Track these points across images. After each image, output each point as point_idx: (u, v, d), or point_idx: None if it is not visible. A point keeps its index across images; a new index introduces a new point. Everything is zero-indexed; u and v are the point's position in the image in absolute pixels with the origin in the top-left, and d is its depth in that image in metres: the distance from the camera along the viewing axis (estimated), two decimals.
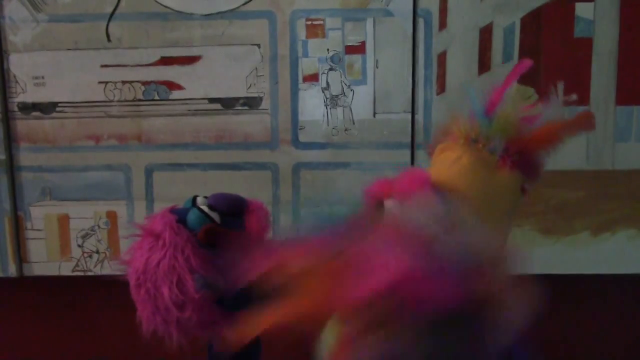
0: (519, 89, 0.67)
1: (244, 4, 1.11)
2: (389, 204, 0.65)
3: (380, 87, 1.12)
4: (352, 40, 1.11)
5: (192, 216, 0.69)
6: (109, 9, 1.12)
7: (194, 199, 0.72)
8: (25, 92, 1.14)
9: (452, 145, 0.66)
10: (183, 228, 0.68)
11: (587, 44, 1.09)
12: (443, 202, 0.59)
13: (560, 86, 0.65)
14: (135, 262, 0.68)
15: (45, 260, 1.18)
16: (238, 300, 0.69)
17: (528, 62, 0.69)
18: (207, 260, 0.66)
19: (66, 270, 1.18)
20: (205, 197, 0.72)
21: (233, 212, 0.71)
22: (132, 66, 1.13)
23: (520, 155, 0.64)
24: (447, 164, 0.65)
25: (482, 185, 0.63)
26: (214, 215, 0.69)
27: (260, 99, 1.13)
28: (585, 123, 0.65)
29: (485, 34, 1.10)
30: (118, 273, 0.72)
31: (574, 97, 1.07)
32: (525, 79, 1.10)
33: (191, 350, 0.70)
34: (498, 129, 0.64)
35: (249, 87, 1.13)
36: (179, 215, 0.69)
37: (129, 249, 0.70)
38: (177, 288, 0.65)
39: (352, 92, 1.12)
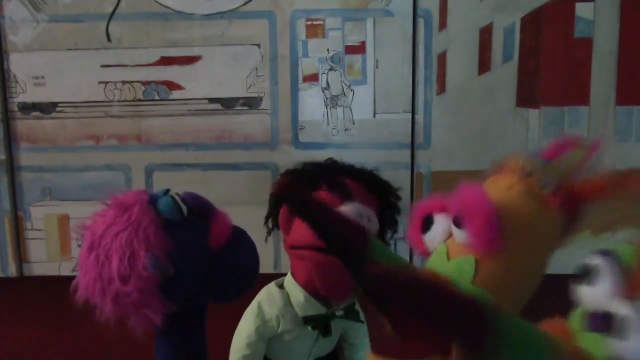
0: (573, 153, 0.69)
1: (244, 4, 1.11)
2: (439, 218, 0.67)
3: (380, 87, 1.12)
4: (352, 40, 1.11)
5: (164, 201, 0.71)
6: (109, 9, 1.12)
7: (167, 190, 0.74)
8: (25, 92, 1.14)
9: (505, 177, 0.68)
10: (152, 209, 0.69)
11: (587, 44, 1.09)
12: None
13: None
14: (96, 226, 0.70)
15: (45, 260, 1.18)
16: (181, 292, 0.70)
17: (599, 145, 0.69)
18: (164, 246, 0.67)
19: (66, 270, 1.18)
20: (178, 194, 0.74)
21: (200, 212, 0.73)
22: (132, 66, 1.13)
23: (569, 198, 0.66)
24: (498, 191, 0.67)
25: (530, 216, 0.65)
26: (183, 208, 0.71)
27: (260, 99, 1.13)
28: (635, 184, 0.68)
29: (485, 34, 1.10)
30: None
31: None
32: (526, 80, 1.11)
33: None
34: (554, 170, 0.66)
35: (249, 87, 1.13)
36: (151, 199, 0.71)
37: (92, 215, 0.71)
38: (128, 262, 0.66)
39: (352, 92, 1.12)
